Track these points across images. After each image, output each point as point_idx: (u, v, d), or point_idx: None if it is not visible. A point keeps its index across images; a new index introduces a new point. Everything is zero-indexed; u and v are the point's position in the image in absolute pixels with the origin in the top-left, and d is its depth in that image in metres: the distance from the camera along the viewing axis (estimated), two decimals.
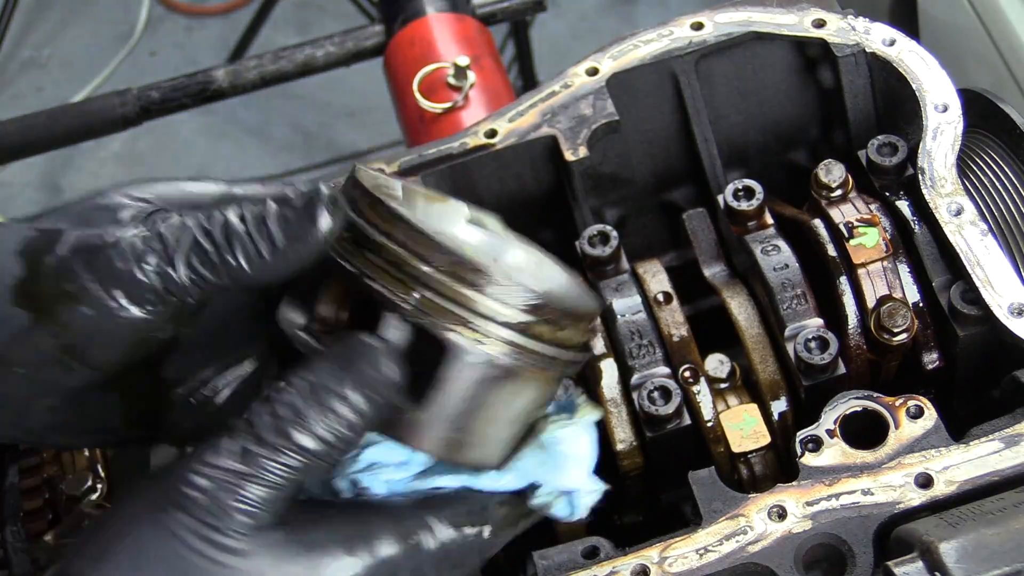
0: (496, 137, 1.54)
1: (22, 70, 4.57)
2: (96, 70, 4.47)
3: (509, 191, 1.58)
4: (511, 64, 3.63)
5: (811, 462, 1.27)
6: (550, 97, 1.56)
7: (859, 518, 1.23)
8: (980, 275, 1.35)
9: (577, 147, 1.52)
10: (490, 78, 2.22)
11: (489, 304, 0.99)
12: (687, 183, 1.66)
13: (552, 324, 1.03)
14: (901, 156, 1.47)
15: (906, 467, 1.25)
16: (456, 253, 0.99)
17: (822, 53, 1.55)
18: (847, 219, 1.44)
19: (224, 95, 2.45)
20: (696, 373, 1.42)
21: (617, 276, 1.48)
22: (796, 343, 1.38)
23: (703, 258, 1.55)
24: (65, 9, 4.71)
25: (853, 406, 1.30)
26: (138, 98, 2.40)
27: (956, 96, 1.47)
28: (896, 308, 1.38)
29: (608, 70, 1.56)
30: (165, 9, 4.68)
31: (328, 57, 2.46)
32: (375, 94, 3.15)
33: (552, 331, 1.03)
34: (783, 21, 1.56)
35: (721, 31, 1.56)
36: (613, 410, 1.42)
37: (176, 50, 4.60)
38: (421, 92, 2.14)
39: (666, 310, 1.47)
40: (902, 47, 1.52)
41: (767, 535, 1.23)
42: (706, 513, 1.25)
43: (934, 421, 1.28)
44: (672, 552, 1.23)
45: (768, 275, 1.43)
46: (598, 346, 1.44)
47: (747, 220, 1.48)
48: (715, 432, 1.40)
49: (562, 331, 1.04)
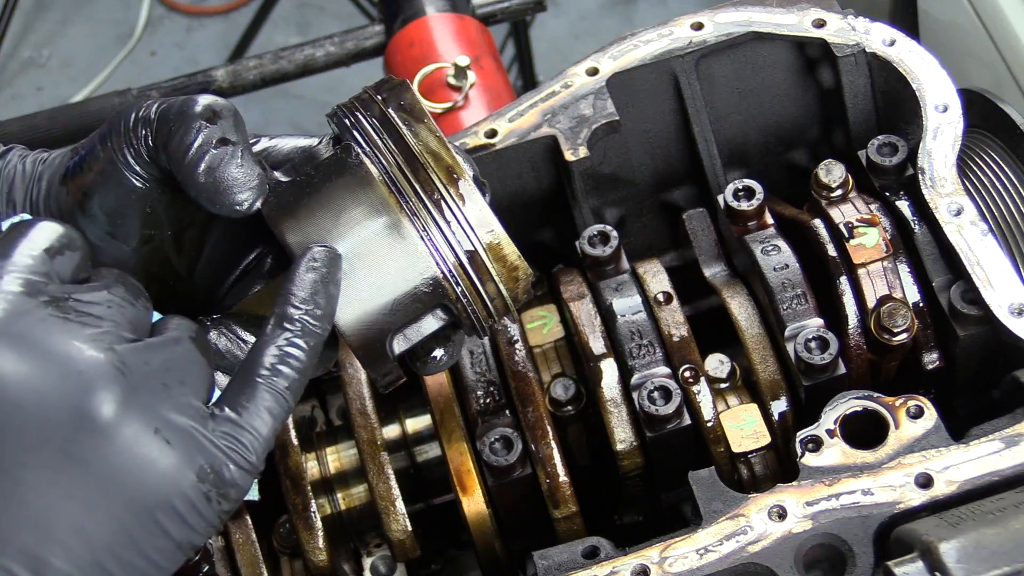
0: (496, 137, 1.54)
1: (22, 70, 4.57)
2: (96, 70, 4.46)
3: (509, 191, 1.58)
4: (511, 64, 3.63)
5: (811, 462, 1.27)
6: (550, 97, 1.56)
7: (859, 518, 1.23)
8: (980, 275, 1.35)
9: (577, 147, 1.52)
10: (490, 78, 2.22)
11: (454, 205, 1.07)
12: (687, 183, 1.66)
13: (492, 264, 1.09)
14: (901, 156, 1.47)
15: (906, 467, 1.25)
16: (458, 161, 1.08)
17: (822, 53, 1.55)
18: (847, 219, 1.44)
19: (224, 95, 2.45)
20: (696, 373, 1.42)
21: (617, 276, 1.48)
22: (796, 343, 1.38)
23: (703, 258, 1.55)
24: (65, 9, 4.70)
25: (853, 406, 1.30)
26: (138, 98, 2.40)
27: (956, 96, 1.47)
28: (896, 308, 1.38)
29: (608, 70, 1.56)
30: (165, 9, 4.68)
31: (328, 57, 2.46)
32: None
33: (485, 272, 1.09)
34: (783, 21, 1.56)
35: (721, 31, 1.56)
36: (613, 410, 1.42)
37: (176, 50, 4.59)
38: (421, 92, 2.14)
39: (666, 310, 1.47)
40: (902, 47, 1.52)
41: (767, 535, 1.23)
42: (706, 513, 1.25)
43: (934, 421, 1.28)
44: (672, 552, 1.23)
45: (768, 275, 1.43)
46: (598, 346, 1.44)
47: (747, 220, 1.48)
48: (715, 432, 1.40)
49: (488, 283, 1.09)
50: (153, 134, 1.06)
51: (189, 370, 0.98)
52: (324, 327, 1.03)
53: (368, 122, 1.10)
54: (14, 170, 1.13)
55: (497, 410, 1.45)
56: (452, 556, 1.67)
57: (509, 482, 1.40)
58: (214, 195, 1.04)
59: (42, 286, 0.95)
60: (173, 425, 0.95)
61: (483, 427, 1.43)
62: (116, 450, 0.93)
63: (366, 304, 1.07)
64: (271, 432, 1.00)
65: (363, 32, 2.46)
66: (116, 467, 0.93)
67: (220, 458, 0.96)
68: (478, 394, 1.45)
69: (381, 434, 1.46)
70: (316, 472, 1.51)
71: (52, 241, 0.97)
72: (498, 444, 1.39)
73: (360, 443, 1.45)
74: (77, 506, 0.92)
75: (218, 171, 1.04)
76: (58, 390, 0.91)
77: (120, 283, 1.00)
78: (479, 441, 1.41)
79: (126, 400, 0.93)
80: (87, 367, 0.92)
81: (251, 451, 0.98)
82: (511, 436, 1.40)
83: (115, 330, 0.96)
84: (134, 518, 0.93)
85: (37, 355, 0.91)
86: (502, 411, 1.44)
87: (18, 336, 0.91)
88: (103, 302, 0.97)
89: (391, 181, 1.07)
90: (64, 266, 0.98)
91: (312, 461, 1.51)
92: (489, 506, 1.43)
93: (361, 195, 1.07)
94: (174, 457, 0.94)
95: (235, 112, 1.08)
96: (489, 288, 1.09)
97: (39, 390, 0.91)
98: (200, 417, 0.97)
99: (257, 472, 0.99)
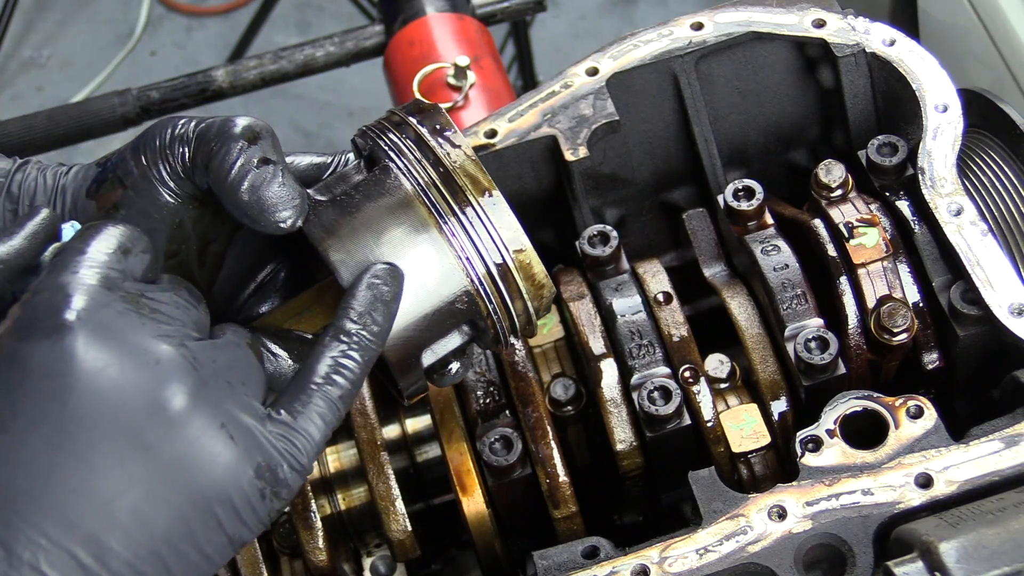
0: (496, 137, 1.54)
1: (22, 70, 4.57)
2: (96, 70, 4.46)
3: (509, 191, 1.58)
4: (511, 64, 3.63)
5: (811, 462, 1.27)
6: (550, 97, 1.56)
7: (859, 518, 1.23)
8: (980, 275, 1.35)
9: (577, 147, 1.52)
10: (490, 78, 2.22)
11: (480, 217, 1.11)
12: (687, 183, 1.66)
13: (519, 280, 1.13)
14: (901, 156, 1.47)
15: (906, 467, 1.25)
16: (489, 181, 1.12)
17: (822, 53, 1.55)
18: (847, 219, 1.44)
19: (224, 95, 2.46)
20: (696, 373, 1.42)
21: (617, 276, 1.48)
22: (796, 343, 1.38)
23: (703, 258, 1.55)
24: (65, 9, 4.70)
25: (853, 406, 1.30)
26: (138, 98, 2.40)
27: (956, 96, 1.47)
28: (896, 308, 1.38)
29: (608, 70, 1.56)
30: (165, 9, 4.67)
31: (328, 57, 2.46)
32: (375, 94, 3.16)
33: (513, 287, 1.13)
34: (783, 21, 1.56)
35: (721, 31, 1.56)
36: (613, 410, 1.42)
37: (176, 50, 4.59)
38: (421, 92, 2.14)
39: (666, 310, 1.47)
40: (902, 47, 1.52)
41: (767, 535, 1.23)
42: (706, 513, 1.25)
43: (934, 421, 1.28)
44: (672, 552, 1.23)
45: (768, 275, 1.43)
46: (598, 346, 1.44)
47: (747, 220, 1.48)
48: (715, 432, 1.40)
49: (516, 300, 1.13)
50: (191, 152, 1.09)
51: (249, 372, 1.02)
52: (379, 342, 1.06)
53: (404, 143, 1.13)
54: (34, 183, 1.15)
55: (497, 410, 1.45)
56: (452, 556, 1.67)
57: (509, 482, 1.40)
58: (258, 214, 1.07)
59: (118, 282, 0.98)
60: (237, 422, 0.98)
61: (483, 427, 1.43)
62: (184, 441, 0.95)
63: (406, 319, 1.10)
64: (322, 437, 1.02)
65: (363, 32, 2.46)
66: (183, 457, 0.95)
67: (276, 458, 0.99)
68: (478, 394, 1.45)
69: (381, 434, 1.46)
70: (316, 472, 1.51)
71: (124, 240, 1.01)
72: (498, 444, 1.40)
73: (360, 443, 1.45)
74: (142, 494, 0.94)
75: (261, 190, 1.07)
76: (135, 380, 0.95)
77: (183, 287, 1.04)
78: (479, 441, 1.41)
79: (197, 393, 0.96)
80: (163, 359, 0.96)
81: (303, 453, 1.01)
82: (511, 436, 1.40)
83: (184, 328, 0.99)
84: (194, 509, 0.96)
85: (116, 346, 0.95)
86: (502, 411, 1.44)
87: (100, 326, 0.95)
88: (171, 302, 1.00)
89: (430, 202, 1.11)
90: (136, 265, 1.01)
91: None
92: (489, 506, 1.43)
93: (401, 215, 1.10)
94: (236, 453, 0.97)
95: (272, 133, 1.12)
96: (517, 305, 1.13)
97: (118, 379, 0.94)
98: (259, 417, 1.00)
99: (307, 474, 1.02)
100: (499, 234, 1.11)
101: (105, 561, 0.93)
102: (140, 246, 1.02)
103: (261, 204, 1.07)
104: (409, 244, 1.10)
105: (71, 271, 0.97)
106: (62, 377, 0.93)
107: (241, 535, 0.99)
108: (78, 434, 0.93)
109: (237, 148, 1.08)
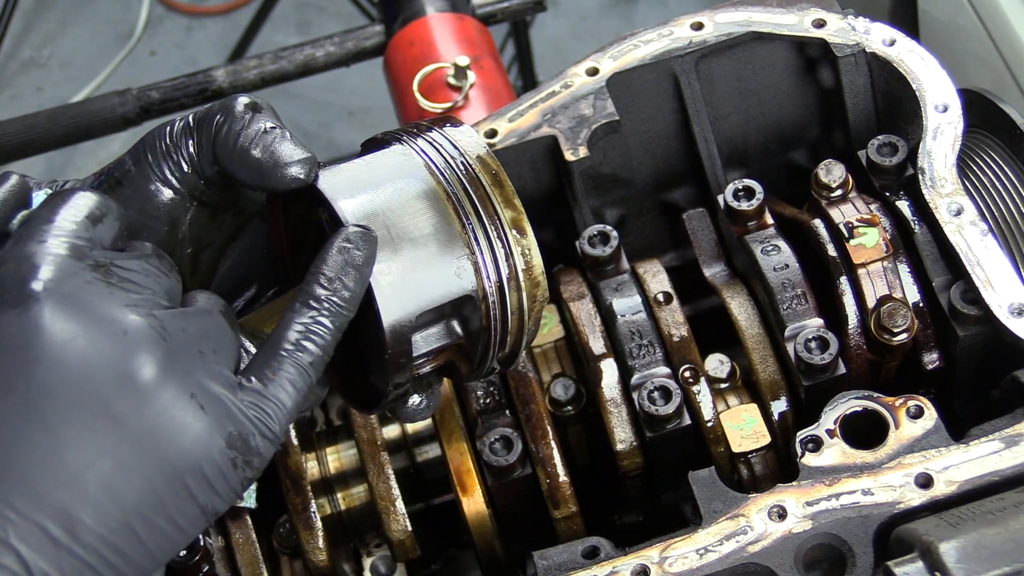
0: (496, 137, 1.54)
1: (22, 70, 4.57)
2: (96, 70, 4.46)
3: None
4: (511, 64, 3.63)
5: (811, 462, 1.27)
6: (550, 97, 1.56)
7: (859, 518, 1.23)
8: (980, 275, 1.35)
9: (577, 147, 1.52)
10: (490, 78, 2.22)
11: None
12: (687, 183, 1.66)
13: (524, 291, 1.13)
14: (901, 156, 1.47)
15: (906, 467, 1.25)
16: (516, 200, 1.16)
17: (822, 53, 1.55)
18: (847, 219, 1.44)
19: (224, 95, 2.45)
20: (696, 373, 1.42)
21: (617, 276, 1.48)
22: (796, 343, 1.38)
23: (703, 258, 1.55)
24: (65, 9, 4.70)
25: (853, 406, 1.30)
26: (138, 98, 2.40)
27: (956, 96, 1.47)
28: (896, 308, 1.38)
29: (608, 70, 1.56)
30: (165, 9, 4.67)
31: (328, 57, 2.46)
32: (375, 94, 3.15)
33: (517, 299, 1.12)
34: (783, 21, 1.56)
35: (721, 31, 1.56)
36: (613, 410, 1.42)
37: (176, 50, 4.59)
38: (421, 92, 2.14)
39: (666, 310, 1.47)
40: (902, 47, 1.52)
41: (767, 535, 1.23)
42: (706, 513, 1.25)
43: (934, 421, 1.28)
44: (672, 552, 1.23)
45: (768, 275, 1.43)
46: (598, 346, 1.44)
47: (747, 220, 1.48)
48: (715, 432, 1.40)
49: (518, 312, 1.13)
50: (196, 139, 1.09)
51: (221, 340, 1.01)
52: (351, 308, 1.04)
53: (425, 137, 1.15)
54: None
55: (497, 410, 1.45)
56: (452, 556, 1.67)
57: (509, 482, 1.40)
58: (272, 168, 1.07)
59: (86, 251, 0.97)
60: (207, 391, 0.97)
61: (483, 427, 1.43)
62: (154, 411, 0.95)
63: (406, 282, 1.08)
64: (294, 405, 1.02)
65: (363, 32, 2.46)
66: (152, 428, 0.95)
67: (248, 426, 0.98)
68: (478, 394, 1.45)
69: (381, 434, 1.46)
70: (316, 472, 1.51)
71: (93, 208, 1.00)
72: (498, 444, 1.40)
73: (360, 443, 1.45)
74: (112, 465, 0.93)
75: (273, 146, 1.07)
76: (103, 351, 0.94)
77: (154, 254, 1.03)
78: (479, 441, 1.41)
79: (166, 363, 0.96)
80: (131, 329, 0.95)
81: (275, 421, 1.00)
82: (511, 436, 1.40)
83: (153, 297, 0.98)
84: (165, 480, 0.95)
85: (84, 316, 0.94)
86: (502, 411, 1.44)
87: (67, 297, 0.94)
88: (141, 270, 0.99)
89: (448, 184, 1.12)
90: (104, 233, 1.00)
91: (312, 461, 1.51)
92: (489, 506, 1.43)
93: (413, 182, 1.11)
94: (207, 423, 0.96)
95: (272, 108, 1.12)
96: (514, 321, 1.13)
97: (85, 350, 0.93)
98: (230, 386, 0.99)
99: (279, 442, 1.01)
100: (511, 239, 1.12)
101: (76, 534, 0.92)
102: (109, 212, 1.01)
103: (275, 158, 1.07)
104: (418, 209, 1.09)
105: (37, 240, 0.96)
106: (28, 349, 0.92)
107: (214, 505, 0.98)
108: (46, 406, 0.92)
109: (244, 118, 1.08)
